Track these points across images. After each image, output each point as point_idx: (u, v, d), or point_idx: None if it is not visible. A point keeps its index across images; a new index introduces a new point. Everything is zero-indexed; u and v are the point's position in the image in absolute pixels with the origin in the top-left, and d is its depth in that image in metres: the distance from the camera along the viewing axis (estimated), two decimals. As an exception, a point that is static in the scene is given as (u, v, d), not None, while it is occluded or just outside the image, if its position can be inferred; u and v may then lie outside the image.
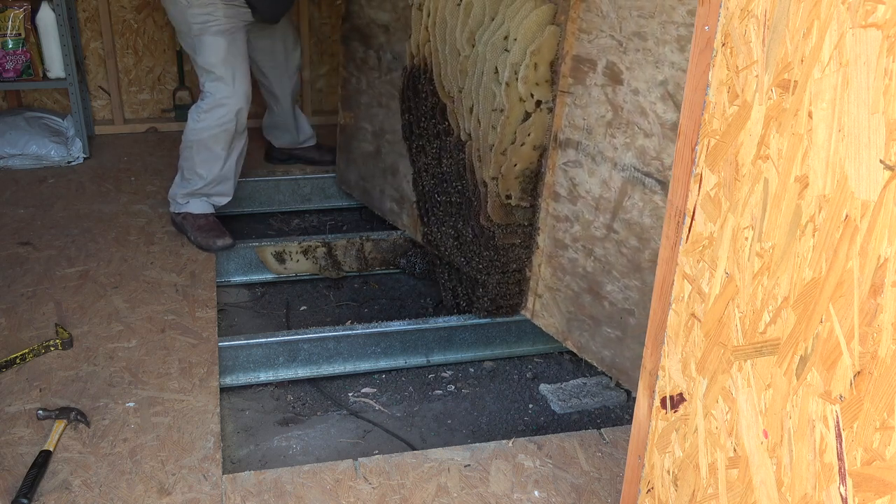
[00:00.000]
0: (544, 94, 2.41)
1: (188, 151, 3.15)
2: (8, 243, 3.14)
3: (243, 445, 2.41)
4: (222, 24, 2.98)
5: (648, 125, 2.12)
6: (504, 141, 2.47)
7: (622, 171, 2.24)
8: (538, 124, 2.45)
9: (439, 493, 2.07)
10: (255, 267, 3.26)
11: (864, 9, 0.95)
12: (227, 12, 2.97)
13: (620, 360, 2.37)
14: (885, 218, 0.93)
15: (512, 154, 2.48)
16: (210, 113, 3.07)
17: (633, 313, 2.28)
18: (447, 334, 2.81)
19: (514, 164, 2.51)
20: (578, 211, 2.41)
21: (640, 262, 2.23)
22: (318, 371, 2.73)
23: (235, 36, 3.04)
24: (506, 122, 2.44)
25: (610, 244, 2.32)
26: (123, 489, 2.02)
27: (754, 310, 1.21)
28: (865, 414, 0.98)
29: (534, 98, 2.41)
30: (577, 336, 2.50)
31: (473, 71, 2.53)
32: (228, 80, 3.03)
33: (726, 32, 1.24)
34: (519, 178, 2.53)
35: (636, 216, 2.22)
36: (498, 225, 2.59)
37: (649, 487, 1.61)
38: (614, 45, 2.18)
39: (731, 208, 1.26)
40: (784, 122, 1.11)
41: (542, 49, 2.35)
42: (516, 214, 2.59)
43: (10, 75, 3.81)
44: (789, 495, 1.15)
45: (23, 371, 2.43)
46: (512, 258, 2.64)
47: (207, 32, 2.98)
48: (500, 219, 2.58)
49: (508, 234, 2.61)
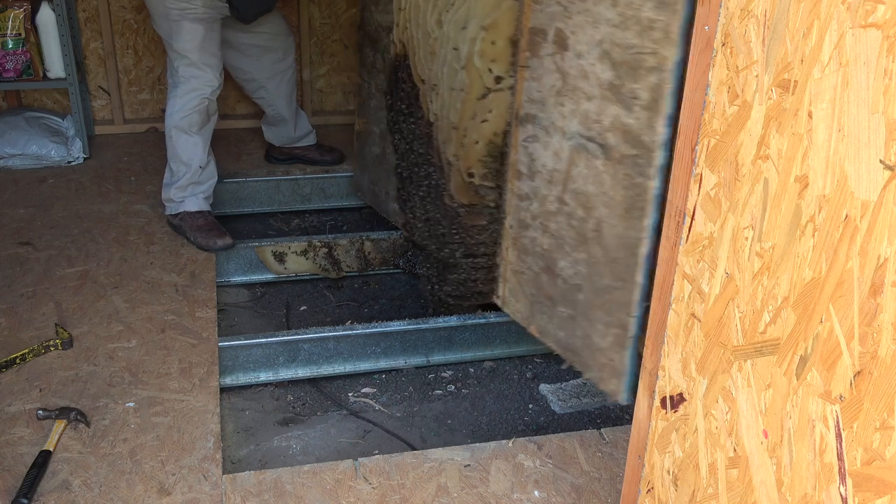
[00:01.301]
0: (504, 70, 2.37)
1: (170, 141, 3.21)
2: (8, 243, 3.14)
3: (243, 445, 2.41)
4: (200, 12, 3.05)
5: (590, 87, 2.10)
6: (464, 117, 2.44)
7: (570, 139, 2.21)
8: (499, 101, 2.41)
9: (439, 493, 2.07)
10: (255, 267, 3.26)
11: (864, 9, 0.95)
12: (205, 2, 3.04)
13: (572, 339, 2.35)
14: (885, 218, 0.93)
15: (472, 131, 2.45)
16: (185, 98, 3.14)
17: (581, 288, 2.25)
18: (447, 334, 2.81)
19: (474, 142, 2.47)
20: (536, 187, 2.37)
21: (586, 232, 2.19)
22: (318, 371, 2.73)
23: (212, 25, 3.11)
24: (466, 99, 2.41)
25: (562, 217, 2.29)
26: (123, 489, 2.02)
27: (754, 310, 1.21)
28: (865, 414, 0.98)
29: (492, 74, 2.38)
30: (538, 319, 2.48)
31: (440, 51, 2.52)
32: (202, 65, 3.11)
33: (726, 32, 1.24)
34: (481, 156, 2.49)
35: (581, 185, 2.19)
36: (462, 205, 2.56)
37: (649, 487, 1.61)
38: (560, 11, 2.16)
39: (731, 208, 1.26)
40: (784, 122, 1.11)
41: (499, 24, 2.31)
42: (481, 194, 2.55)
43: (10, 75, 3.81)
44: (789, 495, 1.15)
45: (23, 371, 2.43)
46: (480, 241, 2.62)
47: (186, 18, 3.04)
48: (463, 198, 2.55)
49: (474, 214, 2.58)
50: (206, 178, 3.26)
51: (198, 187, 3.24)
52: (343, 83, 4.46)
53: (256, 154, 3.98)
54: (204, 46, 3.10)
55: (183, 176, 3.21)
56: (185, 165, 3.20)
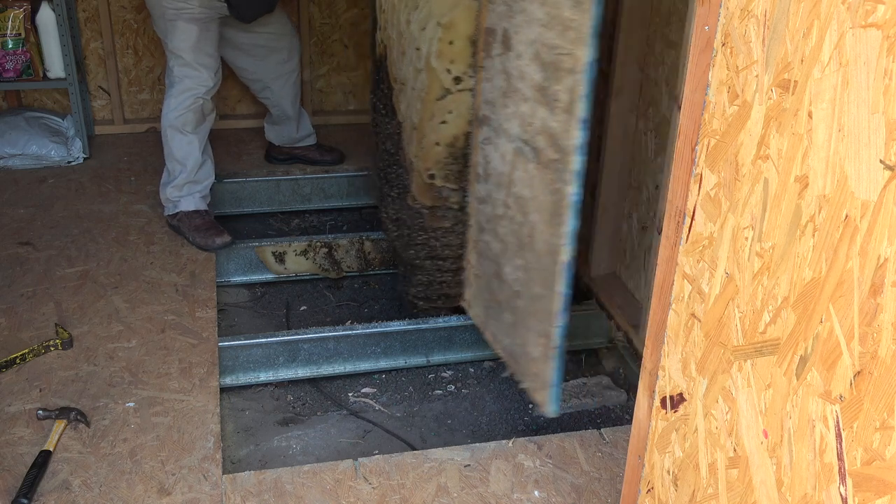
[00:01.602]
0: (463, 71, 2.33)
1: (165, 140, 3.21)
2: (8, 243, 3.14)
3: (243, 445, 2.41)
4: (196, 12, 3.05)
5: (526, 89, 2.06)
6: (424, 118, 2.41)
7: (512, 141, 2.17)
8: (459, 102, 2.37)
9: (439, 493, 2.07)
10: (255, 267, 3.26)
11: (864, 9, 0.95)
12: (202, 2, 3.04)
13: (514, 347, 2.32)
14: (885, 218, 0.93)
15: (430, 131, 2.42)
16: (180, 97, 3.14)
17: (520, 295, 2.23)
18: (447, 334, 2.81)
19: (434, 143, 2.43)
20: (490, 190, 2.34)
21: (523, 238, 2.16)
22: (318, 371, 2.73)
23: (209, 25, 3.11)
24: (425, 99, 2.38)
25: (506, 221, 2.26)
26: (123, 489, 2.02)
27: (754, 310, 1.21)
28: (865, 414, 0.98)
29: (451, 74, 2.34)
30: (491, 325, 2.46)
31: (408, 51, 2.49)
32: (197, 66, 3.11)
33: (726, 32, 1.24)
34: (441, 157, 2.45)
35: (520, 189, 2.15)
36: (424, 206, 2.53)
37: (649, 487, 1.61)
38: (506, 11, 2.13)
39: (731, 208, 1.26)
40: (784, 122, 1.11)
41: (456, 23, 2.27)
42: (443, 196, 2.51)
43: (10, 75, 3.81)
44: (789, 495, 1.15)
45: (23, 371, 2.43)
46: (444, 243, 2.59)
47: (181, 18, 3.05)
48: (425, 199, 2.51)
49: (437, 216, 2.54)
50: (202, 177, 3.26)
51: (194, 186, 3.24)
52: (343, 83, 4.46)
53: (256, 154, 3.98)
54: (198, 47, 3.10)
55: (179, 175, 3.21)
56: (180, 164, 3.20)
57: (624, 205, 2.89)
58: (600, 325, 2.89)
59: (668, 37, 2.52)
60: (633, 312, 2.77)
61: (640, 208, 2.77)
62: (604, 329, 2.89)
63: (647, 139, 2.70)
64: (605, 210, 2.90)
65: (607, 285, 2.95)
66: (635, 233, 2.83)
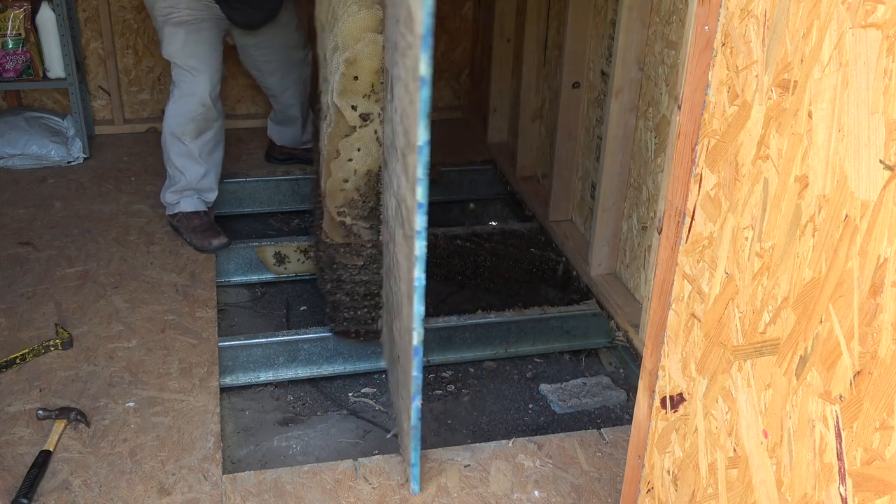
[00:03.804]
0: (371, 109, 2.20)
1: (165, 146, 3.18)
2: (8, 243, 3.14)
3: (243, 445, 2.41)
4: (183, 15, 3.01)
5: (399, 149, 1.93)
6: (330, 155, 2.28)
7: (393, 197, 2.04)
8: (367, 140, 2.24)
9: (439, 493, 2.07)
10: (255, 267, 3.25)
11: (863, 9, 0.95)
12: (189, 5, 3.00)
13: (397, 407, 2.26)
14: (884, 218, 0.93)
15: (337, 170, 2.28)
16: (177, 104, 3.11)
17: (398, 360, 2.13)
18: (447, 334, 2.81)
19: (342, 181, 2.30)
20: (388, 237, 2.22)
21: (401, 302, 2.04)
22: (318, 371, 2.73)
23: (199, 26, 3.05)
24: (332, 135, 2.25)
25: (393, 278, 2.15)
26: (123, 489, 2.02)
27: (754, 310, 1.21)
28: (865, 414, 0.98)
29: (357, 111, 2.20)
30: (391, 374, 2.39)
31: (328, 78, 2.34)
32: (190, 69, 3.06)
33: (726, 32, 1.24)
34: (350, 196, 2.33)
35: (398, 251, 2.02)
36: (336, 243, 2.42)
37: (649, 487, 1.61)
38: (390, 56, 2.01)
39: (731, 208, 1.26)
40: (784, 122, 1.11)
41: (361, 59, 2.13)
42: (355, 233, 2.40)
43: (10, 75, 3.81)
44: (789, 495, 1.15)
45: (23, 371, 2.43)
46: (358, 281, 2.50)
47: (168, 23, 3.02)
48: (335, 237, 2.39)
49: (349, 254, 2.43)
50: (204, 185, 3.24)
51: (195, 191, 3.23)
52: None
53: (256, 154, 3.97)
54: (187, 50, 3.04)
55: (178, 182, 3.20)
56: (180, 173, 3.18)
57: (624, 205, 2.89)
58: (600, 325, 2.89)
59: (668, 37, 2.52)
60: (633, 312, 2.77)
61: (640, 208, 2.77)
62: (604, 329, 2.89)
63: (647, 139, 2.70)
64: (605, 210, 2.90)
65: (607, 285, 2.95)
66: (635, 233, 2.83)
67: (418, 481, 2.06)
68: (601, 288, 2.94)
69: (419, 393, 1.92)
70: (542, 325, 2.86)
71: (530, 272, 3.36)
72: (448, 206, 3.92)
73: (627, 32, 2.63)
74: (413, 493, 2.05)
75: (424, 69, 1.59)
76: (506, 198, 3.91)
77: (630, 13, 2.61)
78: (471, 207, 3.95)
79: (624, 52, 2.66)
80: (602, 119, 2.97)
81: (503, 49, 3.97)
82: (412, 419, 1.96)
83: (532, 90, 3.68)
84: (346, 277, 2.51)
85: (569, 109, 3.23)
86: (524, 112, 3.72)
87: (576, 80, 3.18)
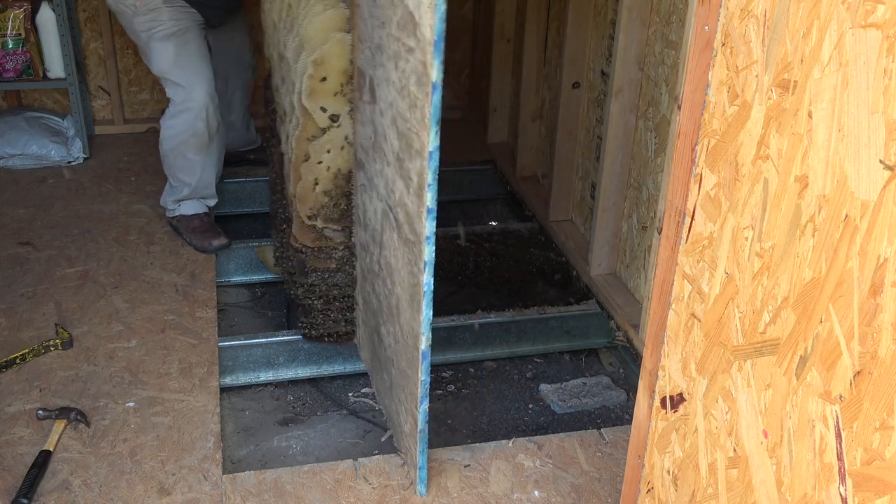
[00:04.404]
0: (340, 109, 2.15)
1: (167, 160, 3.12)
2: (8, 243, 3.14)
3: (243, 445, 2.41)
4: (168, 27, 2.90)
5: (388, 151, 1.89)
6: (299, 158, 2.23)
7: (380, 200, 2.00)
8: (337, 141, 2.20)
9: (439, 493, 2.07)
10: (255, 267, 3.25)
11: (863, 9, 0.95)
12: (172, 15, 2.88)
13: (390, 410, 2.26)
14: (884, 218, 0.93)
15: (307, 173, 2.24)
16: (175, 119, 3.01)
17: (393, 363, 2.12)
18: (447, 334, 2.81)
19: (313, 184, 2.26)
20: (368, 240, 2.18)
21: (392, 307, 2.02)
22: (318, 371, 2.73)
23: (186, 37, 2.94)
24: (300, 138, 2.20)
25: (380, 282, 2.11)
26: (123, 489, 2.02)
27: (754, 310, 1.21)
28: (865, 414, 0.98)
29: (326, 113, 2.16)
30: (375, 378, 2.38)
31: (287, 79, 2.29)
32: (185, 83, 2.95)
33: (726, 32, 1.24)
34: (321, 199, 2.29)
35: (389, 254, 1.99)
36: (307, 247, 2.38)
37: (649, 487, 1.61)
38: (370, 58, 1.94)
39: (731, 208, 1.26)
40: (784, 122, 1.11)
41: (329, 59, 2.09)
42: (326, 236, 2.37)
43: (10, 75, 3.81)
44: (789, 495, 1.15)
45: (23, 371, 2.43)
46: (331, 284, 2.46)
47: (154, 38, 2.90)
48: (306, 241, 2.36)
49: (321, 258, 2.40)
50: (206, 194, 3.21)
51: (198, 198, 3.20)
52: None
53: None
54: (180, 63, 2.93)
55: (181, 192, 3.17)
56: (184, 185, 3.14)
57: (624, 205, 2.89)
58: (600, 325, 2.89)
59: (668, 37, 2.52)
60: (633, 312, 2.78)
61: (640, 208, 2.77)
62: (604, 329, 2.89)
63: (647, 139, 2.70)
64: (605, 210, 2.90)
65: (607, 285, 2.95)
66: (635, 233, 2.83)
67: (425, 483, 2.05)
68: (601, 288, 2.94)
69: (426, 397, 1.90)
70: (542, 325, 2.86)
71: (530, 272, 3.36)
72: (448, 206, 3.92)
73: (627, 32, 2.63)
74: (420, 495, 2.05)
75: (436, 75, 1.54)
76: (506, 198, 3.91)
77: (630, 13, 2.60)
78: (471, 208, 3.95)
79: (624, 52, 2.66)
80: (602, 119, 2.97)
81: (503, 49, 3.96)
82: (419, 423, 1.95)
83: (532, 90, 3.68)
84: (318, 281, 2.47)
85: (569, 109, 3.23)
86: (524, 112, 3.72)
87: (576, 80, 3.18)
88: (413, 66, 1.62)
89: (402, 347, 1.99)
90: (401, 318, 1.96)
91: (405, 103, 1.70)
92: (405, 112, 1.71)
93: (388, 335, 2.12)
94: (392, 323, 2.04)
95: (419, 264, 1.75)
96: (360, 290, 2.39)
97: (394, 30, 1.71)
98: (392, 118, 1.81)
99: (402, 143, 1.76)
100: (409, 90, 1.67)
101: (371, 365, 2.43)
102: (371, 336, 2.33)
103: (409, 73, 1.65)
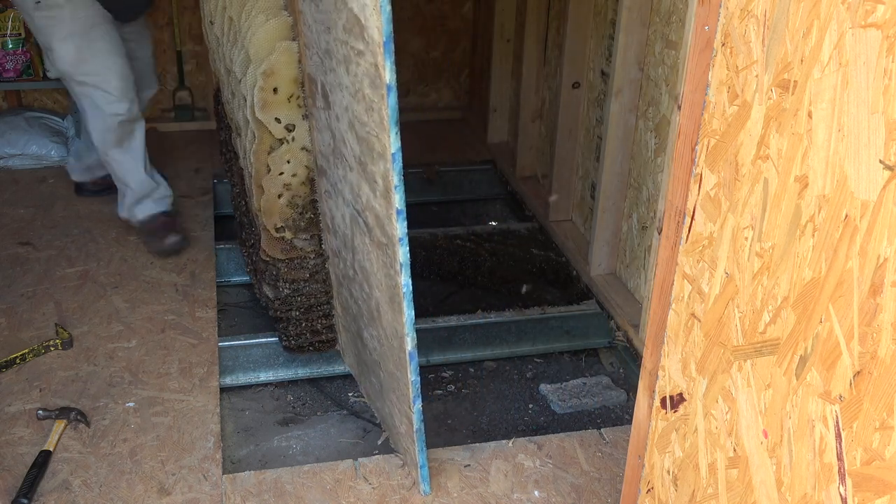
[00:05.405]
0: (295, 118, 2.13)
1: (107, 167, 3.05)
2: (8, 243, 3.14)
3: (243, 445, 2.41)
4: (68, 26, 2.71)
5: (349, 156, 1.88)
6: (260, 172, 2.21)
7: (347, 206, 1.98)
8: (295, 151, 2.18)
9: (439, 492, 2.07)
10: (255, 267, 3.26)
11: (863, 9, 0.95)
12: (73, 14, 2.70)
13: (383, 413, 2.25)
14: (884, 218, 0.93)
15: (270, 186, 2.22)
16: (93, 122, 2.90)
17: (380, 365, 2.11)
18: (447, 334, 2.81)
19: (276, 196, 2.23)
20: (339, 246, 2.16)
21: (372, 310, 2.01)
22: (318, 371, 2.73)
23: (90, 34, 2.75)
24: (258, 151, 2.17)
25: (357, 286, 2.10)
26: (123, 489, 2.02)
27: (754, 310, 1.21)
28: (865, 414, 0.98)
29: (281, 123, 2.14)
30: (363, 382, 2.37)
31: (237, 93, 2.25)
32: (95, 81, 2.81)
33: (726, 32, 1.24)
34: (287, 211, 2.27)
35: (362, 258, 1.98)
36: (278, 260, 2.36)
37: (649, 487, 1.61)
38: (319, 63, 1.91)
39: (731, 208, 1.26)
40: (784, 122, 1.11)
41: (278, 69, 2.06)
42: (297, 247, 2.34)
43: (10, 75, 3.82)
44: (789, 495, 1.15)
45: (23, 371, 2.43)
46: (307, 293, 2.44)
47: (54, 38, 2.73)
48: (276, 253, 2.33)
49: (294, 268, 2.37)
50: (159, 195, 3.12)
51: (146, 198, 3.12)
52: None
53: (256, 154, 3.97)
54: (84, 60, 2.76)
55: (126, 196, 3.10)
56: (127, 187, 3.07)
57: (624, 205, 2.89)
58: (600, 325, 2.89)
59: (668, 37, 2.52)
60: (633, 312, 2.78)
61: (640, 208, 2.77)
62: (604, 329, 2.89)
63: (647, 139, 2.70)
64: (605, 210, 2.90)
65: (607, 285, 2.95)
66: (635, 233, 2.83)
67: (428, 482, 2.05)
68: (601, 288, 2.94)
69: (419, 396, 1.91)
70: (542, 325, 2.86)
71: (530, 272, 3.36)
72: (448, 206, 3.92)
73: (627, 32, 2.63)
74: (425, 494, 2.05)
75: (390, 76, 1.51)
76: (506, 198, 3.91)
77: (630, 13, 2.60)
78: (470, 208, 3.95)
79: (624, 52, 2.66)
80: (602, 119, 2.97)
81: (503, 49, 3.97)
82: (415, 422, 1.95)
83: (532, 90, 3.68)
84: (293, 293, 2.45)
85: (569, 109, 3.23)
86: (524, 112, 3.72)
87: (576, 80, 3.18)
88: (365, 69, 1.60)
89: (388, 350, 1.98)
90: (382, 321, 1.95)
91: (361, 107, 1.68)
92: (362, 115, 1.69)
93: (371, 339, 2.11)
94: (374, 326, 2.04)
95: (395, 266, 1.73)
96: (338, 297, 2.38)
97: (340, 34, 1.69)
98: (349, 122, 1.79)
99: (362, 146, 1.75)
100: (364, 93, 1.64)
101: (357, 370, 2.43)
102: (354, 341, 2.32)
103: (361, 76, 1.63)
